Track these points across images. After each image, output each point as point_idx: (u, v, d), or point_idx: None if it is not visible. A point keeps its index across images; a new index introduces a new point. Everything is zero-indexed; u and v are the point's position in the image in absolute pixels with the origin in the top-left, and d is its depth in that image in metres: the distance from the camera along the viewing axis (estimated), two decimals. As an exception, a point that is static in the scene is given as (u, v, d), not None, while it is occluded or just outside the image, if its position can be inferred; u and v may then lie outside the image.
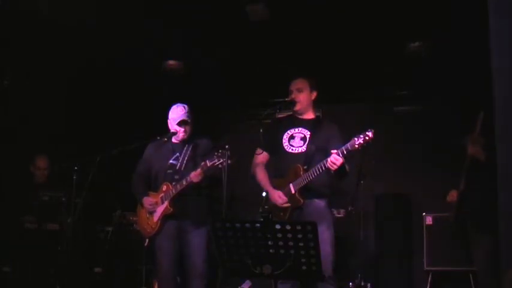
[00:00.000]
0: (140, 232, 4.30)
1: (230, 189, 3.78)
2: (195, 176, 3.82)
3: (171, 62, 5.78)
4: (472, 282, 5.05)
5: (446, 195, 4.58)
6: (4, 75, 4.82)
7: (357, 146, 3.30)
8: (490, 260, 4.06)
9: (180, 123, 4.09)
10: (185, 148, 4.14)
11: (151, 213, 4.09)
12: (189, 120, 4.08)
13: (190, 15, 4.65)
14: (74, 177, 4.27)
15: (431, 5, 4.35)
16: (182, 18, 4.70)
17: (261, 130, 3.75)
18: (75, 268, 4.81)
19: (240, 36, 5.04)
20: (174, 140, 4.17)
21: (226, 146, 3.56)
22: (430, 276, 5.37)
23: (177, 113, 4.11)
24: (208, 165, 3.72)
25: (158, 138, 4.20)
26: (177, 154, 4.13)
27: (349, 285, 5.27)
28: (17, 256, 4.71)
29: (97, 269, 5.22)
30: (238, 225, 2.61)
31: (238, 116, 6.72)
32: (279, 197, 3.67)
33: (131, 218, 5.63)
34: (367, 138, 3.28)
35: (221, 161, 3.58)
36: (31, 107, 5.54)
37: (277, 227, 2.56)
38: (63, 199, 4.83)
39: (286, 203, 3.64)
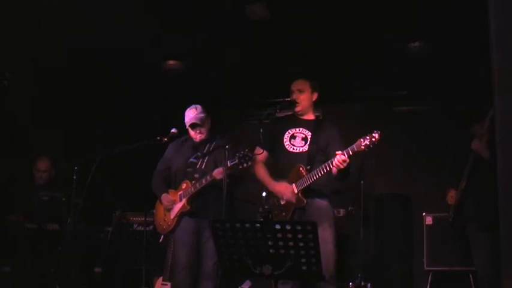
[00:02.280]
0: (156, 228, 4.36)
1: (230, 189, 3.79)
2: (218, 173, 3.82)
3: (171, 62, 5.78)
4: (472, 282, 5.05)
5: (445, 196, 4.58)
6: (4, 76, 4.81)
7: (363, 147, 3.29)
8: (491, 259, 4.06)
9: (191, 126, 4.10)
10: (206, 147, 4.16)
11: (169, 210, 4.12)
12: (199, 122, 4.07)
13: (190, 15, 4.65)
14: (74, 177, 4.28)
15: (431, 5, 4.35)
16: (182, 18, 4.70)
17: (261, 130, 3.75)
18: (75, 268, 4.81)
19: (240, 36, 5.04)
20: (196, 138, 4.17)
21: (226, 146, 3.56)
22: (430, 276, 5.36)
23: (188, 115, 4.13)
24: (229, 165, 3.72)
25: (158, 138, 4.21)
26: (198, 153, 4.15)
27: (349, 285, 5.27)
28: (17, 256, 4.71)
29: (97, 269, 5.22)
30: (238, 225, 2.61)
31: (238, 116, 6.72)
32: (285, 188, 3.63)
33: (131, 218, 5.65)
34: (373, 139, 3.26)
35: (242, 161, 3.57)
36: (31, 107, 5.54)
37: (277, 227, 2.56)
38: (63, 199, 4.84)
39: (293, 195, 3.62)
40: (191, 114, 4.12)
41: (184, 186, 4.07)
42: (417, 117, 6.32)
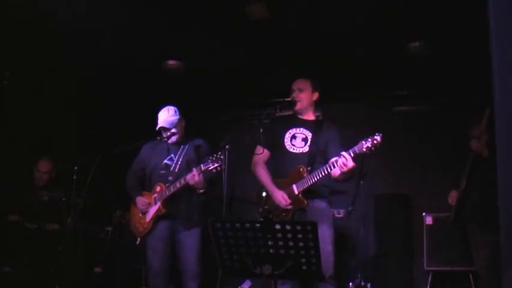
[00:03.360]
0: (132, 230, 4.30)
1: (230, 189, 3.79)
2: (191, 177, 3.82)
3: (171, 62, 5.78)
4: (472, 282, 5.05)
5: (446, 196, 4.59)
6: (4, 76, 4.82)
7: (364, 149, 3.30)
8: (491, 259, 4.06)
9: (161, 129, 4.10)
10: (180, 149, 4.15)
11: (144, 213, 4.10)
12: (167, 126, 4.07)
13: (190, 15, 4.65)
14: (74, 177, 4.27)
15: (431, 5, 4.34)
16: (182, 18, 4.69)
17: (261, 129, 3.75)
18: (75, 268, 4.81)
19: (240, 36, 5.04)
20: (169, 140, 4.17)
21: (227, 146, 3.56)
22: (430, 276, 5.37)
23: (159, 117, 4.14)
24: (203, 169, 3.74)
25: (158, 138, 4.21)
26: (172, 155, 4.15)
27: (349, 285, 5.27)
28: (17, 256, 4.71)
29: (97, 269, 5.22)
30: (238, 225, 2.61)
31: (238, 116, 6.72)
32: (283, 199, 3.62)
33: (131, 218, 5.65)
34: (375, 142, 3.27)
35: (215, 165, 3.58)
36: (31, 107, 5.54)
37: (277, 227, 2.56)
38: (63, 199, 4.84)
39: (290, 205, 3.61)
40: (161, 117, 4.12)
41: (158, 189, 4.06)
42: (417, 117, 6.32)
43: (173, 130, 4.08)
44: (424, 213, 5.51)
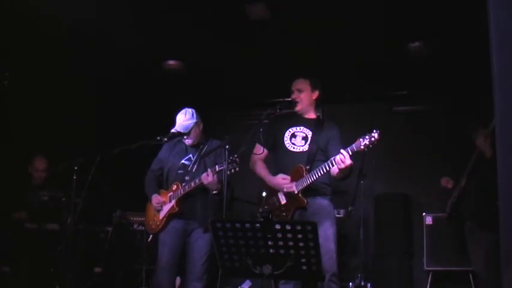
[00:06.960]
0: (144, 228, 4.39)
1: (230, 190, 3.78)
2: (205, 177, 3.85)
3: (171, 62, 5.78)
4: (472, 282, 5.05)
5: (446, 196, 4.56)
6: (4, 76, 4.82)
7: (362, 147, 3.30)
8: (490, 259, 4.05)
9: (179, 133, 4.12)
10: (198, 150, 4.19)
11: (158, 211, 4.15)
12: (182, 131, 4.09)
13: (190, 14, 4.65)
14: (74, 177, 4.28)
15: (431, 5, 4.35)
16: (182, 17, 4.70)
17: (261, 129, 3.76)
18: (75, 268, 4.81)
19: (240, 36, 5.04)
20: (186, 142, 4.20)
21: (227, 146, 3.56)
22: (430, 276, 5.37)
23: (177, 120, 4.16)
24: (217, 169, 3.77)
25: (158, 138, 4.21)
26: (190, 155, 4.19)
27: (349, 285, 5.28)
28: (17, 256, 4.71)
29: (97, 269, 5.22)
30: (238, 225, 2.61)
31: (238, 116, 6.72)
32: (282, 179, 3.65)
33: (131, 218, 5.65)
34: (372, 139, 3.28)
35: (229, 167, 3.58)
36: (31, 107, 5.54)
37: (277, 227, 2.56)
38: (63, 199, 4.84)
39: (290, 184, 3.61)
40: (178, 120, 4.15)
41: (174, 187, 4.11)
42: (417, 117, 6.32)
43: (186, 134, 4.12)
44: (424, 213, 5.51)
